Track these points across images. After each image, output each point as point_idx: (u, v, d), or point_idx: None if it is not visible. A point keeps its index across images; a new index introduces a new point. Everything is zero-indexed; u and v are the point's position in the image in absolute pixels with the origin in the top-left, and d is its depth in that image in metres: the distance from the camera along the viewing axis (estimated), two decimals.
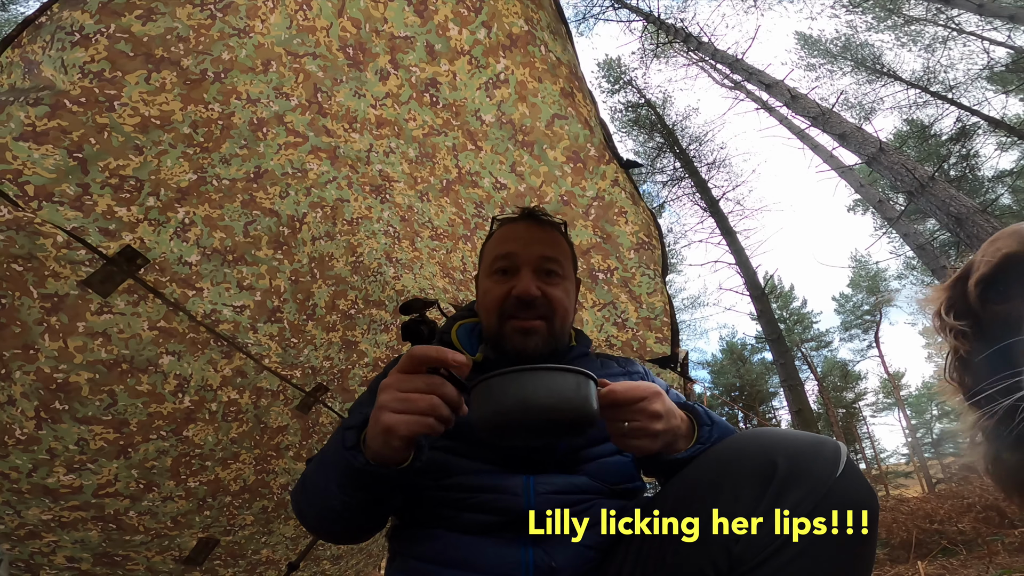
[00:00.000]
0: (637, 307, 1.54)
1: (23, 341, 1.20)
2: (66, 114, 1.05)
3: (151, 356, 1.39)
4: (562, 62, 1.08)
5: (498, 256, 0.91)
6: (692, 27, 10.31)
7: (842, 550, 0.54)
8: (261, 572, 1.86)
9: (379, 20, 1.10)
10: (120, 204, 1.22)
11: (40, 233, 1.17)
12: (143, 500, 1.48)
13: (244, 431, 1.66)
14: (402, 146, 1.38)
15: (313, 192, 1.50)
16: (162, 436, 1.46)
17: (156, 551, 1.56)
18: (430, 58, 1.14)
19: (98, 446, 1.35)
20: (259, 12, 1.11)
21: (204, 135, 1.24)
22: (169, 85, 1.14)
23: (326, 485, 0.69)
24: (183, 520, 1.58)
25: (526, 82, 1.14)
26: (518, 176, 1.31)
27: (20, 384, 1.22)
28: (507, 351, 0.86)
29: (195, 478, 1.57)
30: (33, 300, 1.20)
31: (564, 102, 1.16)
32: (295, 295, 1.61)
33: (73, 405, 1.29)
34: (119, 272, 1.28)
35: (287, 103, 1.28)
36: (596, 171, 1.26)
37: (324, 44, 1.18)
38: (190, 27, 1.09)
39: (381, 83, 1.23)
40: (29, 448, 1.27)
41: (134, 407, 1.39)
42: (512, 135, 1.24)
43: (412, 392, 0.58)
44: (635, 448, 0.66)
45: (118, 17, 1.00)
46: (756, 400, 20.91)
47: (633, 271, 1.45)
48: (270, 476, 1.77)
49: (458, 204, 1.49)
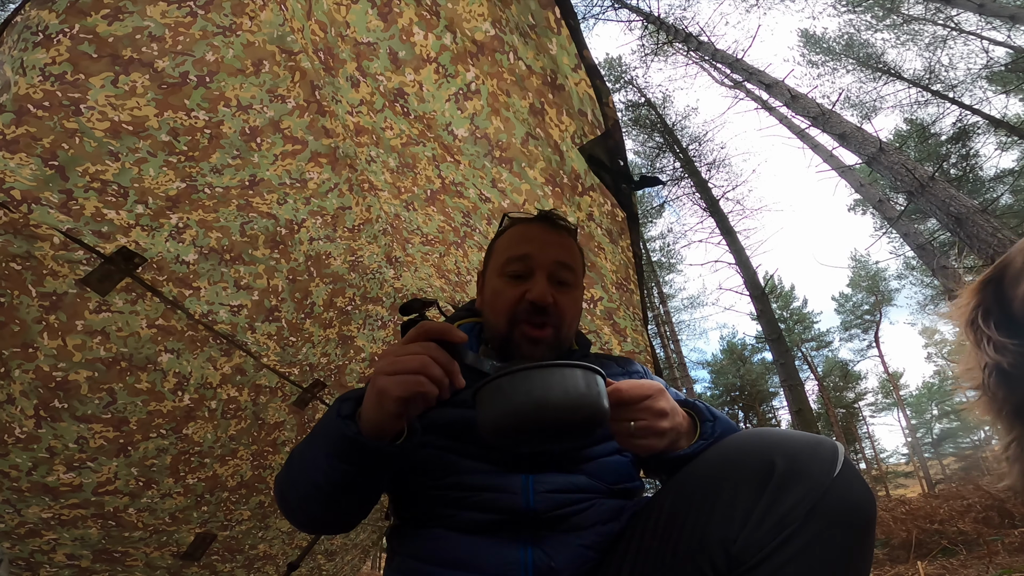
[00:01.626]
0: (621, 341, 1.46)
1: (22, 339, 1.20)
2: (32, 120, 1.01)
3: (150, 354, 1.39)
4: (533, 71, 0.89)
5: (512, 257, 0.88)
6: (692, 27, 10.32)
7: (840, 550, 0.54)
8: (259, 567, 1.87)
9: (342, 24, 1.01)
10: (108, 207, 1.20)
11: (36, 236, 1.15)
12: (142, 497, 1.48)
13: (242, 428, 1.66)
14: (382, 155, 1.33)
15: (313, 201, 1.47)
16: (162, 434, 1.45)
17: (155, 547, 1.57)
18: (394, 67, 1.04)
19: (98, 444, 1.35)
20: (247, 9, 1.05)
21: (188, 143, 1.18)
22: (141, 89, 1.06)
23: (313, 456, 0.68)
24: (181, 516, 1.59)
25: (497, 94, 0.99)
26: (500, 192, 1.23)
27: (19, 382, 1.22)
28: (514, 357, 0.85)
29: (194, 475, 1.57)
30: (32, 299, 1.19)
31: (533, 121, 0.99)
32: (293, 294, 1.60)
33: (72, 403, 1.29)
34: (117, 271, 1.27)
35: (283, 106, 1.22)
36: (572, 200, 1.10)
37: (301, 45, 1.13)
38: (165, 25, 1.01)
39: (353, 90, 1.16)
40: (29, 447, 1.27)
41: (133, 405, 1.38)
42: (488, 151, 1.11)
43: (405, 355, 0.60)
44: (641, 447, 0.66)
45: (84, 16, 0.95)
46: (756, 400, 20.90)
47: (617, 304, 1.36)
48: (266, 471, 1.78)
49: (445, 212, 1.45)
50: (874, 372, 26.59)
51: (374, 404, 0.61)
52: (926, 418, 24.56)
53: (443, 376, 0.60)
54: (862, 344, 22.14)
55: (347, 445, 0.62)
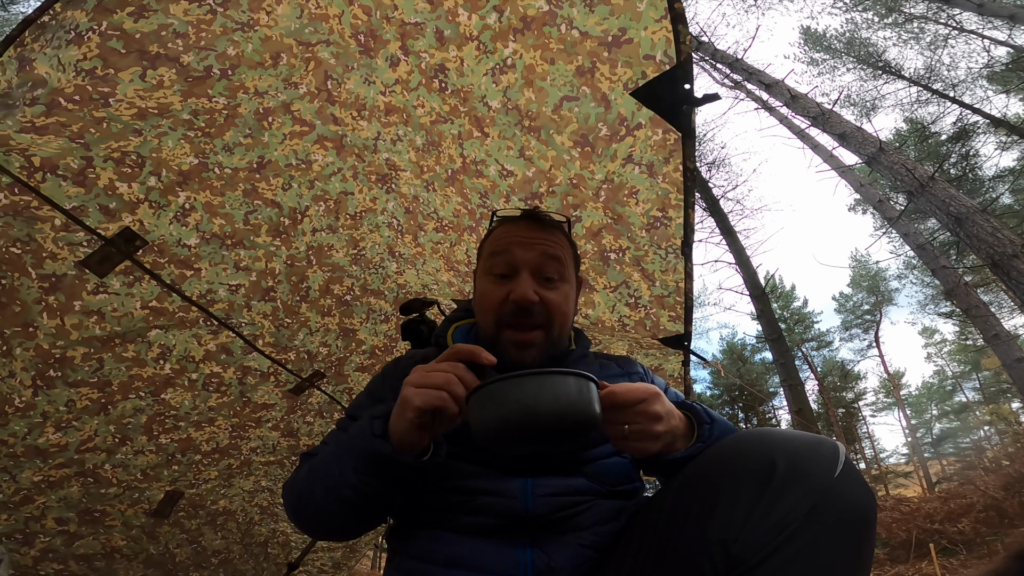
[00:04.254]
0: (650, 285, 1.52)
1: (23, 320, 1.26)
2: (63, 112, 1.07)
3: (140, 331, 1.46)
4: (588, 36, 1.04)
5: (495, 254, 0.87)
6: (692, 27, 10.30)
7: (840, 550, 0.53)
8: (221, 523, 1.96)
9: (389, 7, 1.09)
10: (122, 179, 1.24)
11: (37, 218, 1.19)
12: (117, 453, 1.57)
13: (225, 402, 1.73)
14: (410, 134, 1.38)
15: (317, 185, 1.50)
16: (140, 396, 1.54)
17: (128, 504, 1.67)
18: (439, 44, 1.13)
19: (83, 405, 1.44)
20: (263, 4, 1.10)
21: (206, 121, 1.24)
22: (168, 82, 1.13)
23: (341, 473, 0.69)
24: (152, 473, 1.68)
25: (534, 66, 1.11)
26: (527, 160, 1.31)
27: (20, 360, 1.30)
28: (503, 361, 0.84)
29: (167, 435, 1.66)
30: (32, 280, 1.25)
31: (578, 81, 1.11)
32: (289, 277, 1.64)
33: (65, 371, 1.37)
34: (117, 253, 1.32)
35: (295, 91, 1.28)
36: (606, 152, 1.22)
37: (337, 31, 1.18)
38: (188, 23, 1.07)
39: (391, 69, 1.23)
40: (27, 414, 1.35)
41: (118, 370, 1.47)
42: (519, 120, 1.23)
43: (433, 371, 0.64)
44: (635, 450, 0.66)
45: (110, 14, 1.00)
46: (756, 400, 20.91)
47: (646, 249, 1.43)
48: (243, 442, 1.86)
49: (463, 194, 1.48)
50: (874, 372, 26.65)
51: (398, 414, 0.65)
52: (926, 418, 24.57)
53: (464, 395, 0.62)
54: (862, 344, 22.17)
55: (381, 462, 0.66)
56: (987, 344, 7.42)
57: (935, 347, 23.72)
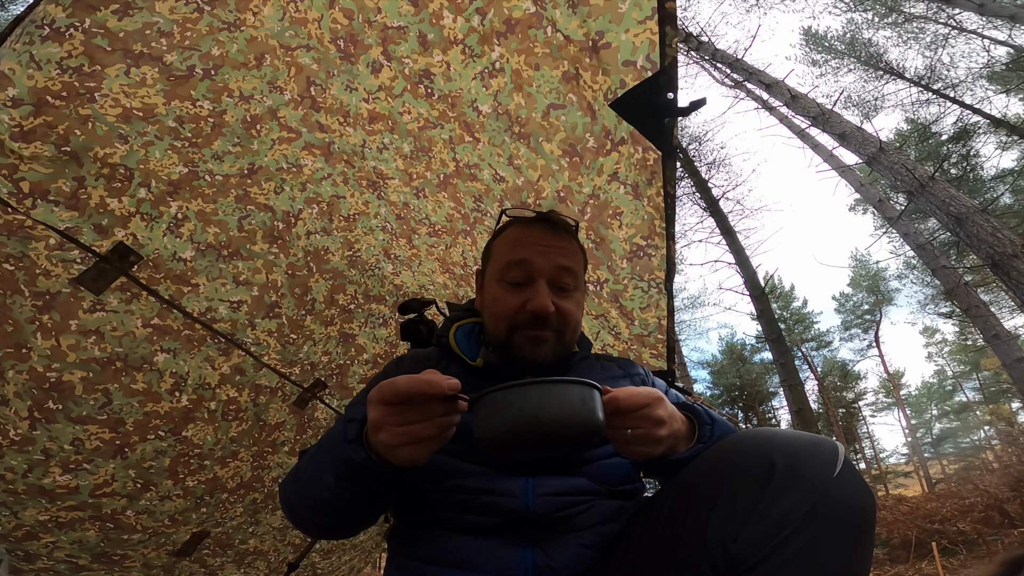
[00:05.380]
0: (628, 324, 1.45)
1: (15, 340, 1.19)
2: (50, 110, 1.04)
3: (145, 354, 1.38)
4: (571, 40, 0.95)
5: (511, 263, 0.86)
6: (692, 26, 10.30)
7: (839, 550, 0.53)
8: (250, 563, 1.88)
9: (372, 10, 1.05)
10: (112, 195, 1.21)
11: (32, 237, 1.15)
12: (140, 499, 1.47)
13: (243, 429, 1.65)
14: (396, 141, 1.35)
15: (308, 187, 1.48)
16: (160, 436, 1.44)
17: (152, 548, 1.57)
18: (422, 48, 1.07)
19: (94, 446, 1.34)
20: (251, 4, 1.08)
21: (192, 131, 1.21)
22: (150, 80, 1.10)
23: (321, 476, 0.67)
24: (180, 518, 1.58)
25: (521, 71, 1.04)
26: (516, 169, 1.26)
27: (13, 383, 1.22)
28: (516, 359, 0.83)
29: (193, 477, 1.56)
30: (24, 298, 1.18)
31: (564, 88, 1.03)
32: (292, 289, 1.60)
33: (67, 404, 1.29)
34: (112, 269, 1.27)
35: (280, 97, 1.25)
36: (593, 165, 1.14)
37: (316, 36, 1.15)
38: (173, 21, 1.04)
39: (373, 76, 1.19)
40: (24, 449, 1.26)
41: (130, 406, 1.37)
42: (508, 126, 1.17)
43: (413, 424, 0.56)
44: (637, 454, 0.66)
45: (93, 11, 0.97)
46: (756, 400, 20.92)
47: (625, 283, 1.35)
48: (264, 471, 1.78)
49: (456, 199, 1.45)
50: (874, 372, 26.64)
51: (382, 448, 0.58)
52: (926, 418, 24.58)
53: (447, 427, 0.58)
54: (862, 344, 22.16)
55: (355, 469, 0.62)
56: (987, 344, 7.42)
57: (935, 347, 23.74)
